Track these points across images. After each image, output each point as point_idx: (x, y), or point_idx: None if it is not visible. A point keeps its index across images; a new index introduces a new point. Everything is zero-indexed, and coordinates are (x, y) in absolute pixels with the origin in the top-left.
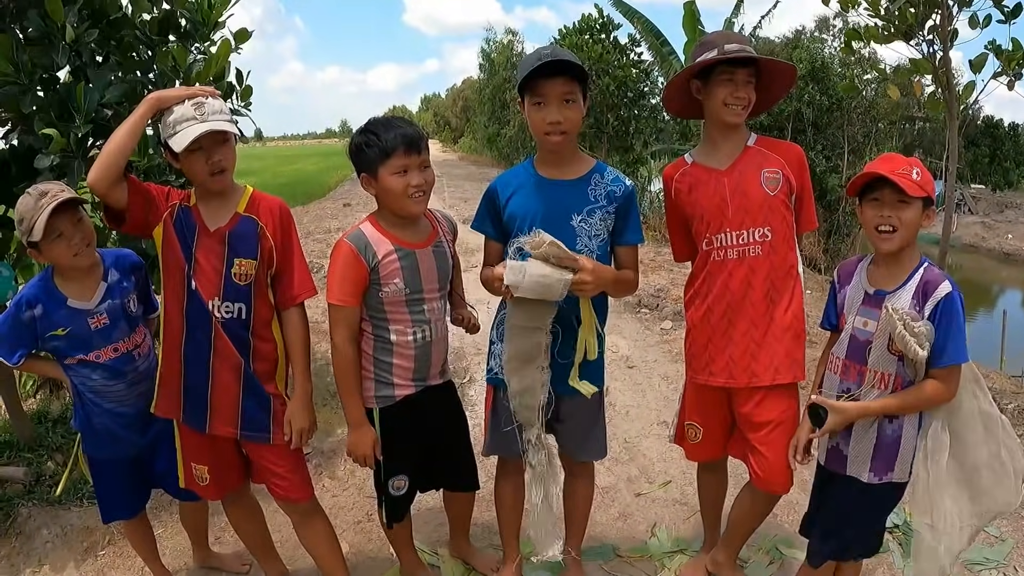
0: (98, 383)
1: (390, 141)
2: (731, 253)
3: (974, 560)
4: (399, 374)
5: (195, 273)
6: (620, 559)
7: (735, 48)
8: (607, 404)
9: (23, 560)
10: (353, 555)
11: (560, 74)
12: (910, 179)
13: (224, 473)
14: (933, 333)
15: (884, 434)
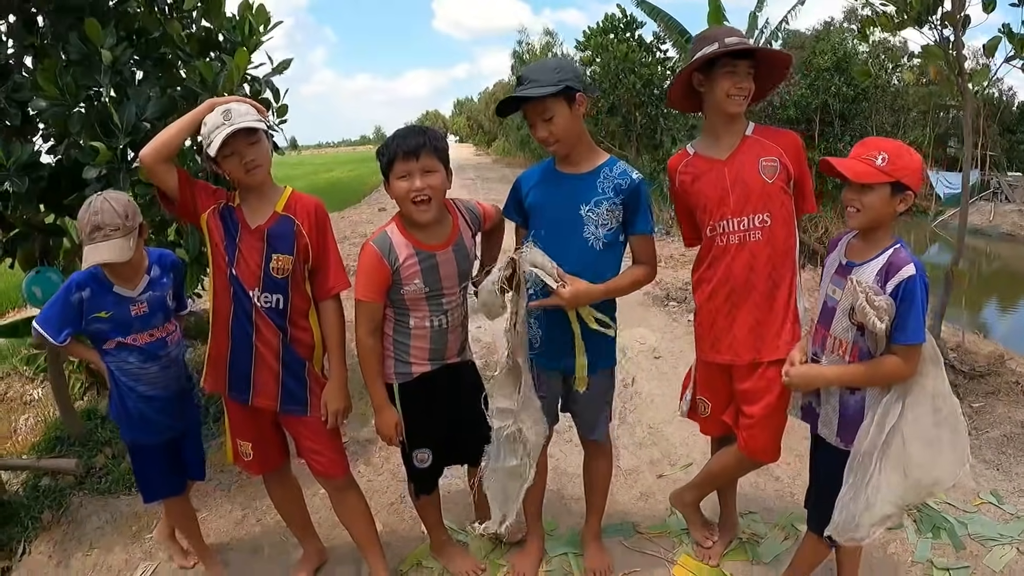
0: (134, 366)
1: (392, 149)
2: (733, 239)
3: (987, 536)
4: (416, 354)
5: (238, 265)
6: (640, 535)
7: (735, 41)
8: (633, 392)
9: (75, 545)
10: (387, 533)
11: (527, 100)
12: (867, 165)
13: (266, 450)
14: (894, 309)
15: (847, 405)
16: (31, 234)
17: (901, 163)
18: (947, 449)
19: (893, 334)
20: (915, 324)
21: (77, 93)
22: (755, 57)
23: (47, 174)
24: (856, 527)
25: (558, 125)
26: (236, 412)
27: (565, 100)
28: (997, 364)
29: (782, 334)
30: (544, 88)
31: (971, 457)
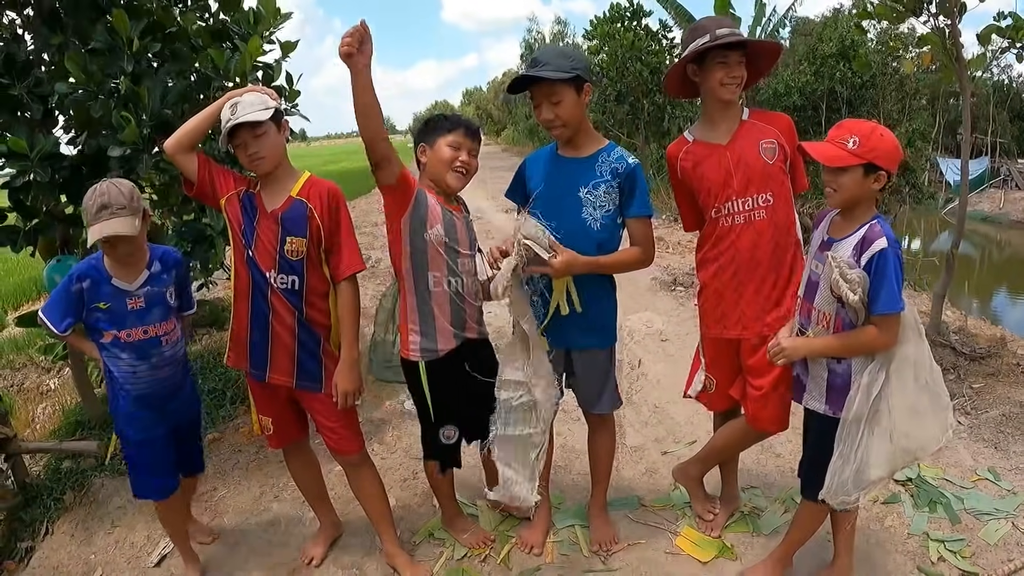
0: (125, 363)
1: (456, 121)
2: (738, 219)
3: (983, 510)
4: (440, 326)
5: (256, 247)
6: (644, 508)
7: (726, 32)
8: (640, 374)
9: (96, 523)
10: (400, 508)
11: (538, 81)
12: (839, 148)
13: (285, 425)
14: (867, 281)
15: (834, 374)
16: (52, 223)
17: (871, 144)
18: (930, 415)
19: (869, 305)
20: (888, 294)
21: (102, 80)
22: (746, 46)
23: (68, 164)
24: (847, 491)
25: (564, 109)
26: (256, 388)
27: (574, 87)
28: (998, 346)
29: (787, 304)
30: (557, 72)
31: (958, 425)
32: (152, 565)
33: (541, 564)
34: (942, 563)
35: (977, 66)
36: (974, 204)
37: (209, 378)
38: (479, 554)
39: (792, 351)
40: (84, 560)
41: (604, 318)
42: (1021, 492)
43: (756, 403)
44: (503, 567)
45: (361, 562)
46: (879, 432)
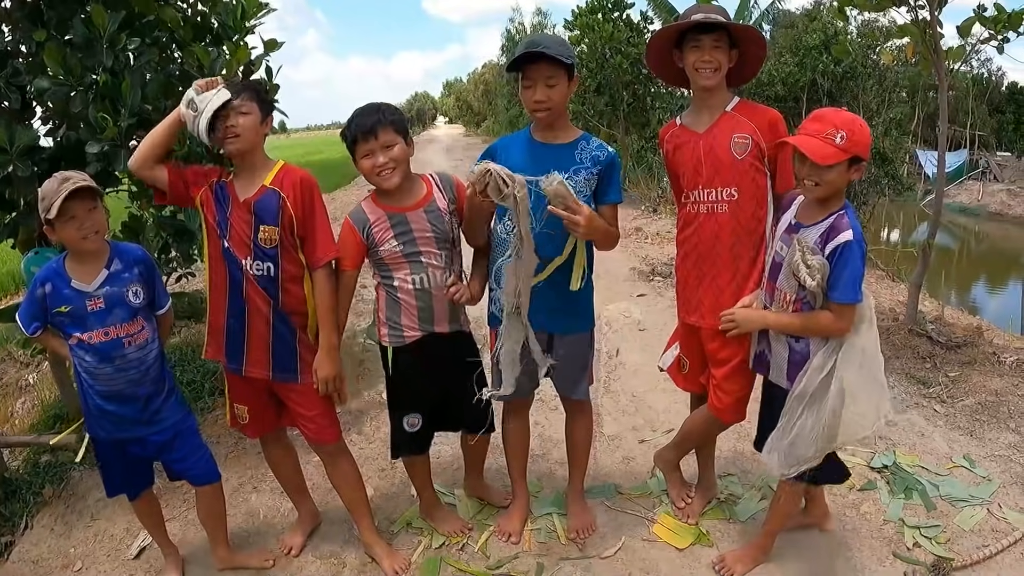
0: (90, 364)
1: (351, 132)
2: (702, 208)
3: (958, 497)
4: (406, 317)
5: (230, 237)
6: (621, 496)
7: (701, 17)
8: (618, 363)
9: (76, 517)
10: (378, 497)
11: (542, 60)
12: (828, 144)
13: (261, 414)
14: (827, 269)
15: (794, 351)
16: (31, 215)
17: (856, 138)
18: (864, 403)
19: (829, 292)
20: (847, 285)
21: (81, 74)
22: (730, 33)
23: (47, 157)
24: (779, 464)
25: (557, 93)
26: (233, 379)
27: (567, 74)
28: (974, 336)
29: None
30: (563, 56)
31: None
32: (132, 557)
33: (519, 552)
34: (918, 549)
35: (955, 58)
36: (953, 196)
37: (187, 370)
38: (457, 542)
39: (743, 320)
40: (64, 553)
41: (587, 301)
42: (996, 479)
43: (713, 392)
44: (481, 555)
45: (340, 551)
46: (816, 413)
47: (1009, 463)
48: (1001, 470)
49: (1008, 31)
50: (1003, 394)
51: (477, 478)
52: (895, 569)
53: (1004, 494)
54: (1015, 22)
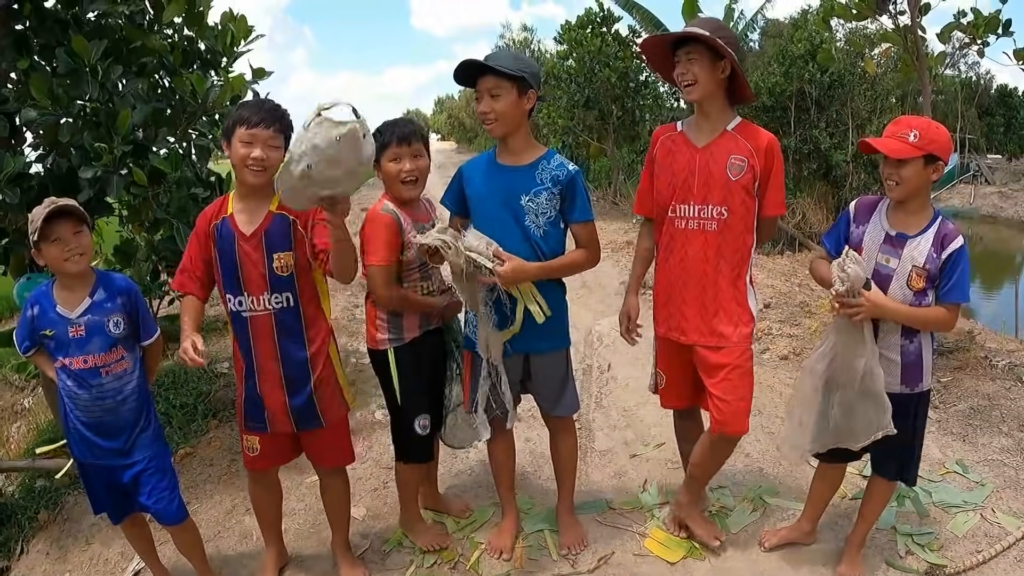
0: (71, 389)
1: (388, 135)
2: (691, 224)
3: (952, 503)
4: (408, 324)
5: (241, 275)
6: (613, 511)
7: (682, 31)
8: (609, 377)
9: (71, 541)
10: (371, 518)
11: (486, 73)
12: (902, 142)
13: (274, 450)
14: (859, 283)
15: (907, 352)
16: (22, 241)
17: (931, 136)
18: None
19: (947, 293)
20: (963, 286)
21: (69, 104)
22: (702, 45)
23: (36, 184)
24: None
25: (500, 104)
26: None
27: (516, 87)
28: (966, 340)
29: (724, 324)
30: (501, 67)
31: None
32: None
33: (510, 569)
34: (911, 556)
35: (937, 63)
36: (945, 200)
37: (180, 393)
38: (450, 560)
39: (875, 306)
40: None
41: (559, 321)
42: (989, 483)
43: (713, 406)
44: (472, 573)
45: None
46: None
47: (1002, 467)
48: (994, 474)
49: (987, 35)
50: (995, 398)
51: (432, 489)
52: None
53: (997, 498)
54: (992, 25)
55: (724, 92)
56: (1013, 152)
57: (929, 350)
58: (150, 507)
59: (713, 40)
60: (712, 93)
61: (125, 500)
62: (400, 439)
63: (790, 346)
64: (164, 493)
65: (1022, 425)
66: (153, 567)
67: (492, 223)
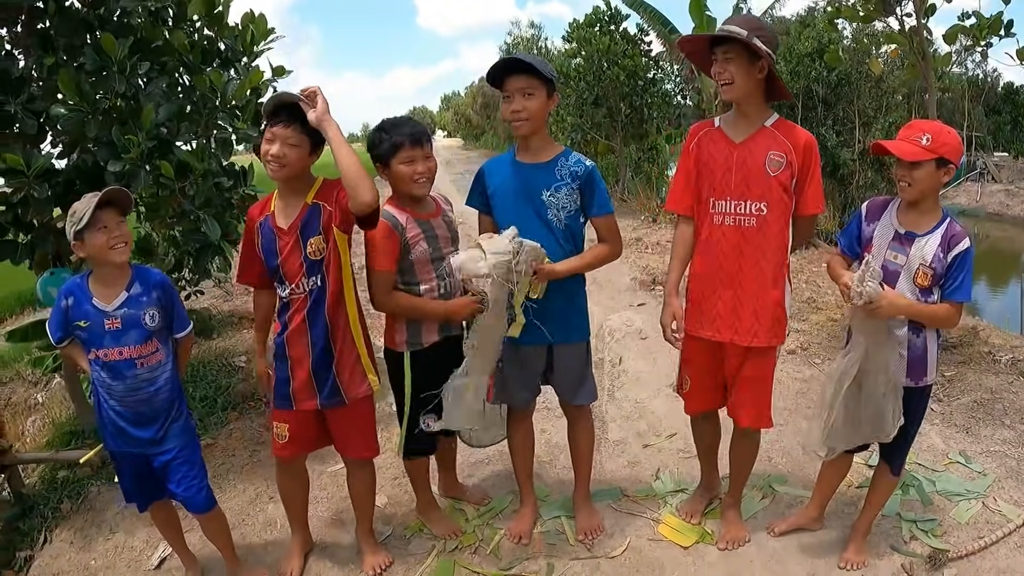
0: (105, 379)
1: (399, 138)
2: (728, 220)
3: (954, 492)
4: (427, 325)
5: (283, 267)
6: (627, 498)
7: (719, 30)
8: (621, 371)
9: (95, 531)
10: (392, 505)
11: (519, 72)
12: (915, 145)
13: (302, 437)
14: (872, 298)
15: (914, 346)
16: (47, 236)
17: (942, 140)
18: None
19: (952, 292)
20: (967, 286)
21: (96, 101)
22: (739, 45)
23: (62, 180)
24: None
25: (533, 105)
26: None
27: (546, 89)
28: (970, 336)
29: (762, 321)
30: (543, 69)
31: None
32: (152, 568)
33: (529, 553)
34: (915, 542)
35: (942, 64)
36: (952, 198)
37: (200, 386)
38: (470, 545)
39: (890, 304)
40: (84, 566)
41: (580, 313)
42: (991, 474)
43: (743, 411)
44: (493, 557)
45: None
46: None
47: (1004, 458)
48: (996, 465)
49: (990, 36)
50: (998, 392)
51: (451, 479)
52: (893, 562)
53: (999, 488)
54: (995, 27)
55: (761, 90)
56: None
57: (935, 346)
58: (179, 495)
59: (749, 41)
60: (749, 92)
61: (154, 488)
62: (407, 434)
63: (797, 341)
64: (194, 482)
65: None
66: (181, 553)
67: (516, 218)
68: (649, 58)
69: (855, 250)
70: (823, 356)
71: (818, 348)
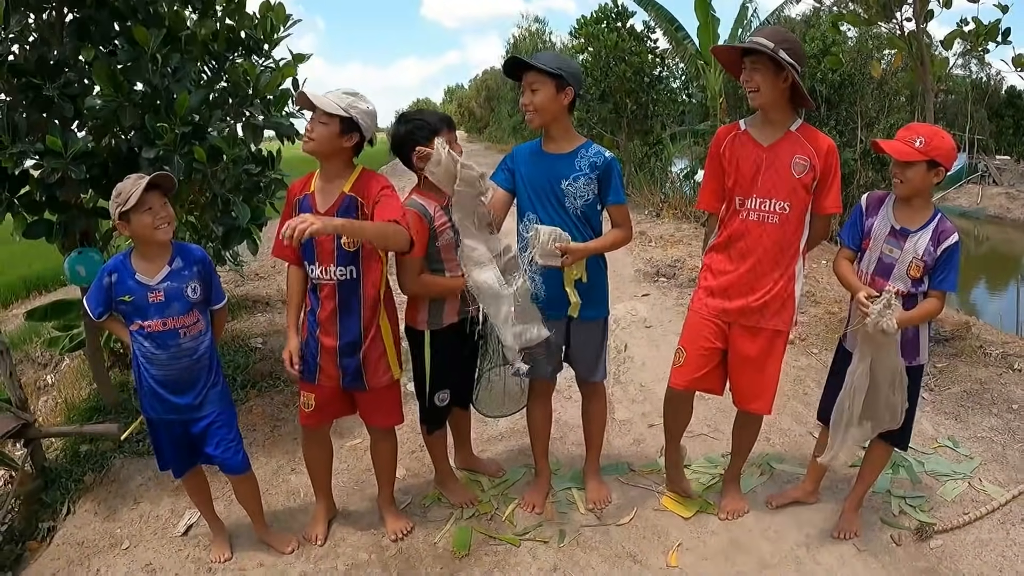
0: (148, 349)
1: (437, 123)
2: (752, 215)
3: (942, 472)
4: (449, 308)
5: (316, 245)
6: (633, 473)
7: (748, 41)
8: (627, 357)
9: (119, 501)
10: (410, 476)
11: (525, 68)
12: (908, 147)
13: (327, 406)
14: (890, 327)
15: (907, 330)
16: (80, 216)
17: (935, 144)
18: (897, 408)
19: (940, 283)
20: (954, 278)
21: (130, 92)
22: (765, 56)
23: (98, 162)
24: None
25: (539, 98)
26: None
27: (554, 84)
28: (963, 331)
29: (772, 307)
30: (540, 64)
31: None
32: (179, 534)
33: (542, 521)
34: (903, 515)
35: (940, 69)
36: (952, 199)
37: None
38: (486, 513)
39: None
40: (110, 534)
41: (601, 292)
42: (978, 457)
43: (751, 400)
44: (508, 524)
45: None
46: (861, 421)
47: (991, 444)
48: (983, 450)
49: (987, 42)
50: (987, 383)
51: (467, 451)
52: (883, 533)
53: (985, 470)
54: (992, 34)
55: (786, 98)
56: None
57: (926, 329)
58: (217, 456)
59: (774, 53)
60: (775, 100)
61: (190, 454)
62: (425, 409)
63: (795, 331)
64: (231, 444)
65: (1011, 407)
66: (210, 519)
67: (538, 204)
68: (655, 55)
69: (858, 242)
70: (820, 347)
71: (816, 339)
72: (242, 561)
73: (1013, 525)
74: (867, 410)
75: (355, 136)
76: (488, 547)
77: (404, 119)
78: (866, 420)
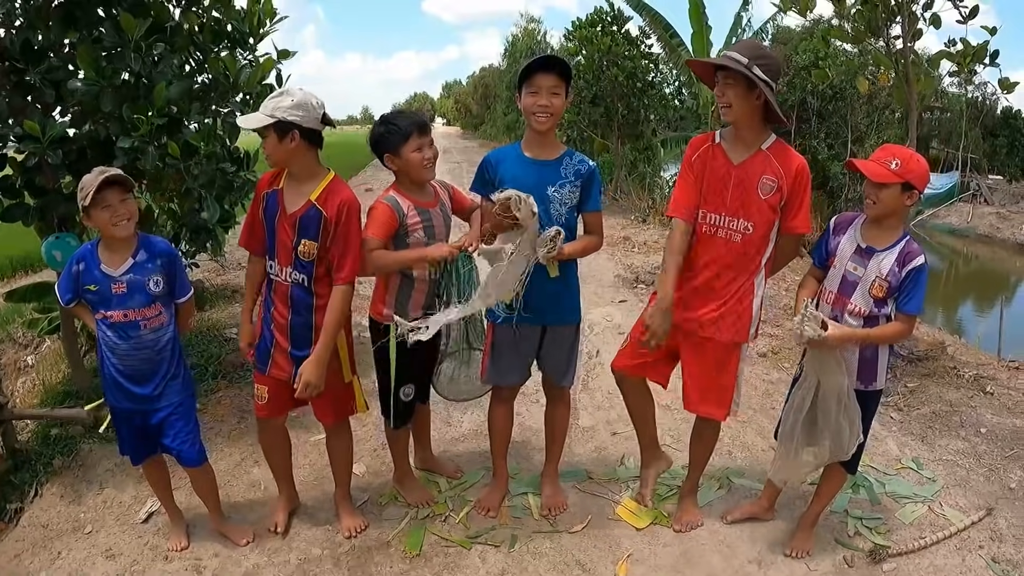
0: (110, 339)
1: (408, 127)
2: (719, 233)
3: (903, 494)
4: (414, 303)
5: (276, 244)
6: (591, 481)
7: (721, 56)
8: (598, 363)
9: (85, 486)
10: (370, 475)
11: (550, 70)
12: (884, 168)
13: (278, 399)
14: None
15: (864, 355)
16: (58, 201)
17: (910, 167)
18: (845, 432)
19: (905, 305)
20: (919, 300)
21: (113, 76)
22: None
23: (76, 147)
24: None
25: (558, 103)
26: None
27: (566, 90)
28: (937, 350)
29: (727, 319)
30: (569, 69)
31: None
32: (140, 521)
33: (495, 524)
34: (858, 536)
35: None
36: (943, 217)
37: (191, 354)
38: (441, 514)
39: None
40: (74, 518)
41: (575, 297)
42: (941, 480)
43: (698, 389)
44: (462, 526)
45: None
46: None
47: (955, 467)
48: (946, 473)
49: (975, 64)
50: (957, 405)
51: (427, 451)
52: (836, 553)
53: (947, 494)
54: (980, 55)
55: (759, 115)
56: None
57: (885, 353)
58: (173, 448)
59: (746, 71)
60: (746, 116)
61: (148, 443)
62: (385, 402)
63: (769, 345)
64: (188, 436)
65: (979, 431)
66: (168, 507)
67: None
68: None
69: (823, 261)
70: (793, 362)
71: (788, 353)
72: (198, 551)
73: (969, 552)
74: (815, 431)
75: (295, 133)
76: (440, 548)
77: (380, 121)
78: (818, 444)
